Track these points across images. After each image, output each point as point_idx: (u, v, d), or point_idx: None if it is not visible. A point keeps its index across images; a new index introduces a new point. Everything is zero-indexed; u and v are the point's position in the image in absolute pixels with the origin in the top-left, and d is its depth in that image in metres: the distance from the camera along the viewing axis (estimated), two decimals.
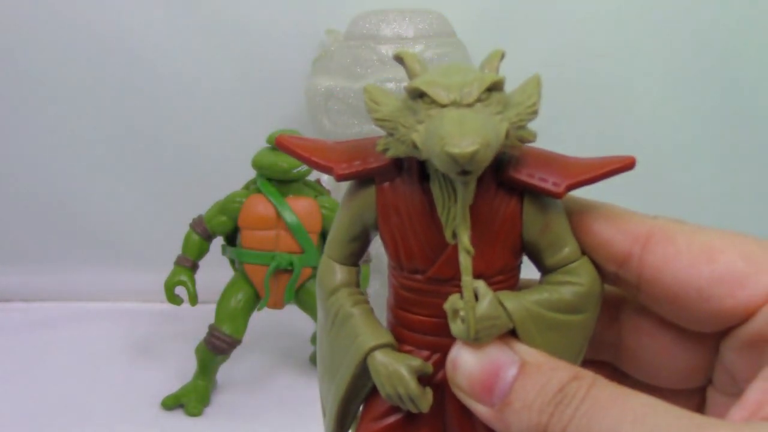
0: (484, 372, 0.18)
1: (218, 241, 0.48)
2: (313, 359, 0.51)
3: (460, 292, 0.19)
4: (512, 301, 0.19)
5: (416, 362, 0.20)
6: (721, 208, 0.61)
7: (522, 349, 0.19)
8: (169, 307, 0.48)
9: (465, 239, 0.19)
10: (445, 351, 0.20)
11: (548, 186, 0.19)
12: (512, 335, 0.19)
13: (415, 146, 0.18)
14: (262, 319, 0.48)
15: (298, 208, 0.44)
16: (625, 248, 0.19)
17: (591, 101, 0.47)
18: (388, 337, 0.21)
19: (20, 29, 0.60)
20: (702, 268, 0.18)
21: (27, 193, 0.63)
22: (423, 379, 0.20)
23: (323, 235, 0.46)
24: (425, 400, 0.20)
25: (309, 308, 0.47)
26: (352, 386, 0.21)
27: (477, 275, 0.19)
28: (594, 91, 0.58)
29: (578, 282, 0.20)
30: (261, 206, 0.44)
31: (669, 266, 0.18)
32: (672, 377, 0.19)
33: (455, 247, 0.19)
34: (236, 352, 0.46)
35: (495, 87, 0.19)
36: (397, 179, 0.20)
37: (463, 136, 0.17)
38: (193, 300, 0.46)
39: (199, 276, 0.47)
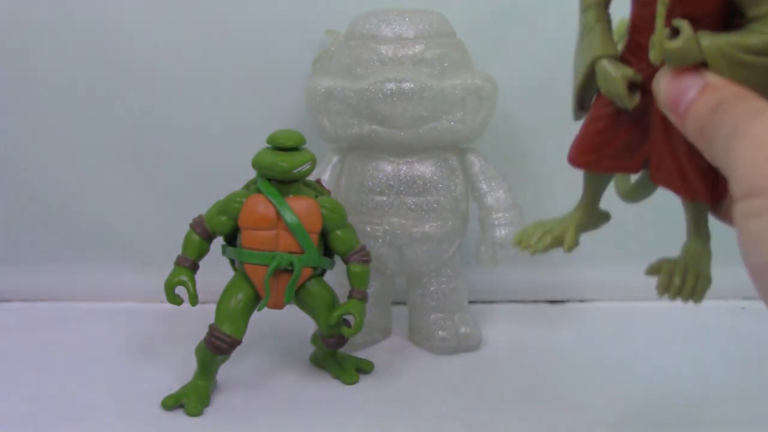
0: (674, 89, 0.25)
1: (219, 241, 0.48)
2: (313, 359, 0.51)
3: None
4: (707, 39, 0.24)
5: (629, 71, 0.28)
6: None
7: (708, 75, 0.24)
8: (169, 307, 0.48)
9: None
10: (656, 71, 0.26)
11: None
12: (705, 68, 0.24)
13: None
14: (262, 319, 0.48)
15: (298, 208, 0.44)
16: None
17: None
18: (613, 50, 0.29)
19: (20, 29, 0.60)
20: None
21: (27, 193, 0.63)
22: (637, 87, 0.28)
23: (324, 236, 0.46)
24: (631, 100, 0.28)
25: (309, 308, 0.47)
26: (586, 79, 0.30)
27: (686, 15, 0.25)
28: None
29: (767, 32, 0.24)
30: (261, 206, 0.44)
31: None
32: None
33: None
34: (236, 352, 0.46)
35: None
36: None
37: None
38: (193, 300, 0.46)
39: (199, 276, 0.47)
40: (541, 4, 0.59)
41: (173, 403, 0.44)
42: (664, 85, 0.25)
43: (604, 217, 0.34)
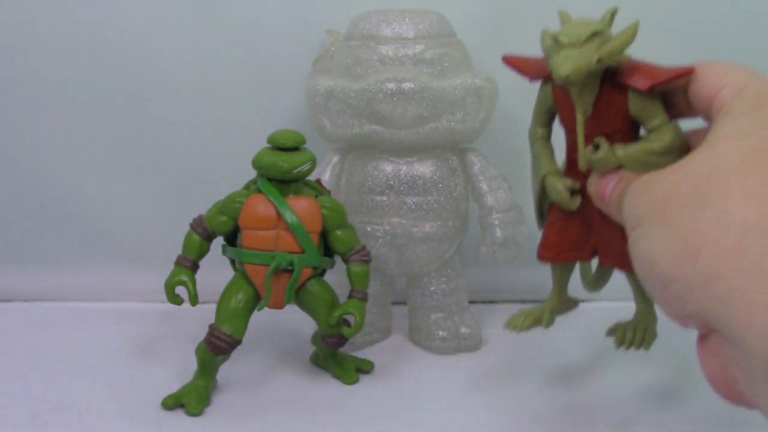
0: (599, 186, 0.34)
1: (219, 241, 0.48)
2: (313, 359, 0.51)
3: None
4: (621, 149, 0.34)
5: (568, 182, 0.38)
6: None
7: (622, 172, 0.34)
8: (169, 307, 0.48)
9: (579, 117, 0.35)
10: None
11: (639, 85, 0.34)
12: (622, 168, 0.34)
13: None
14: (262, 319, 0.48)
15: (299, 208, 0.44)
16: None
17: None
18: (556, 168, 0.39)
19: (21, 28, 0.60)
20: (698, 80, 0.32)
21: (27, 193, 0.63)
22: (577, 192, 0.38)
23: (324, 236, 0.46)
24: (573, 203, 0.38)
25: (309, 308, 0.47)
26: (540, 192, 0.40)
27: (602, 133, 0.35)
28: None
29: (663, 138, 0.34)
30: (261, 206, 0.44)
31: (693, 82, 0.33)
32: None
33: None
34: (236, 352, 0.46)
35: (596, 33, 0.34)
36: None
37: (563, 65, 0.33)
38: (193, 300, 0.46)
39: (200, 276, 0.47)
40: (541, 4, 0.59)
41: (173, 402, 0.44)
42: (593, 185, 0.35)
43: (573, 302, 0.44)
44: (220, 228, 0.46)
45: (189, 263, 0.46)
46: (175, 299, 0.46)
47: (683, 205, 0.26)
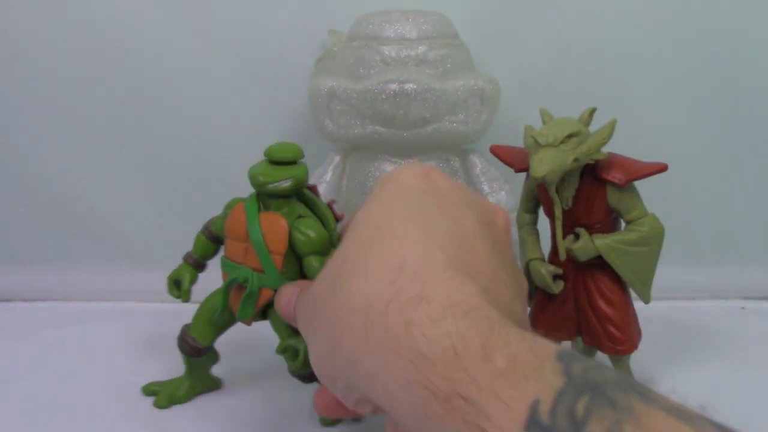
0: (279, 302, 0.34)
1: None
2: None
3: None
4: (599, 239, 0.39)
5: (551, 267, 0.41)
6: (725, 208, 0.61)
7: (298, 286, 0.34)
8: (169, 307, 0.48)
9: (557, 212, 0.39)
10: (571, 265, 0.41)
11: (616, 180, 0.38)
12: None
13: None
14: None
15: (265, 225, 0.40)
16: None
17: (592, 102, 0.47)
18: (541, 254, 0.42)
19: (22, 28, 0.60)
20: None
21: (27, 193, 0.63)
22: (560, 277, 0.42)
23: (299, 259, 0.41)
24: (556, 287, 0.41)
25: (276, 331, 0.43)
26: (527, 275, 0.42)
27: (583, 225, 0.39)
28: (595, 92, 0.58)
29: (641, 230, 0.38)
30: (238, 217, 0.42)
31: None
32: None
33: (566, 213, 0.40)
34: (235, 352, 0.46)
35: (572, 134, 0.37)
36: None
37: (539, 166, 0.36)
38: (185, 295, 0.46)
39: (204, 277, 0.47)
40: (543, 6, 0.59)
41: (148, 390, 0.46)
42: (276, 300, 0.35)
43: None
44: (219, 231, 0.45)
45: (192, 261, 0.46)
46: (173, 291, 0.46)
47: (323, 300, 0.26)
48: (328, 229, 0.42)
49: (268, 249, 0.40)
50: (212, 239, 0.46)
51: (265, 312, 0.42)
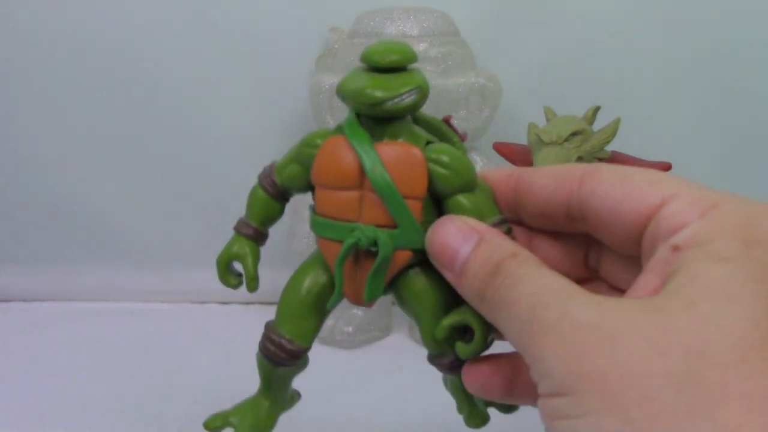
0: (444, 236, 0.25)
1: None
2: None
3: None
4: None
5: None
6: None
7: (480, 227, 0.24)
8: (169, 307, 0.48)
9: None
10: None
11: None
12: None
13: None
14: None
15: (391, 158, 0.28)
16: (565, 190, 0.23)
17: (592, 102, 0.47)
18: None
19: (23, 28, 0.60)
20: (615, 189, 0.22)
21: (27, 194, 0.63)
22: None
23: (438, 203, 0.28)
24: None
25: (409, 310, 0.31)
26: None
27: None
28: (595, 92, 0.58)
29: None
30: (341, 154, 0.29)
31: (595, 193, 0.22)
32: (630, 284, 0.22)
33: None
34: None
35: (576, 132, 0.37)
36: None
37: (543, 164, 0.34)
38: (252, 282, 0.31)
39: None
40: (544, 4, 0.59)
41: (222, 423, 0.33)
42: (433, 233, 0.25)
43: None
44: (291, 181, 0.30)
45: (251, 230, 0.31)
46: (227, 279, 0.31)
47: (655, 400, 0.17)
48: None
49: (400, 193, 0.27)
50: (277, 195, 0.31)
51: (390, 284, 0.29)
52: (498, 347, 0.27)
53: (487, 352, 0.27)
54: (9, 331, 0.58)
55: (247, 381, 0.48)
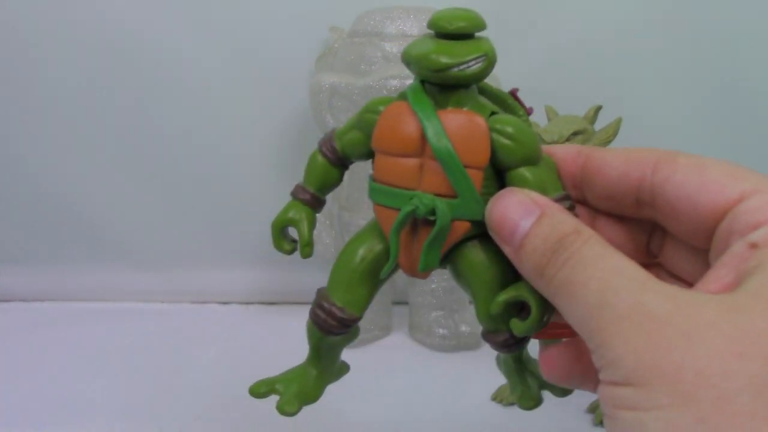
0: (507, 209, 0.23)
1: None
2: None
3: None
4: None
5: None
6: None
7: (542, 201, 0.23)
8: (169, 306, 0.48)
9: None
10: None
11: None
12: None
13: None
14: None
15: (454, 126, 0.27)
16: (638, 174, 0.23)
17: (593, 101, 0.47)
18: None
19: (23, 28, 0.59)
20: (692, 178, 0.21)
21: (27, 194, 0.63)
22: None
23: (500, 174, 0.27)
24: None
25: (465, 284, 0.29)
26: None
27: None
28: (596, 91, 0.58)
29: None
30: (403, 120, 0.28)
31: (670, 181, 0.22)
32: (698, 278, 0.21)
33: None
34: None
35: (578, 132, 0.37)
36: None
37: None
38: (306, 248, 0.30)
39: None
40: (544, 4, 0.59)
41: (266, 389, 0.32)
42: (494, 204, 0.24)
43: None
44: (352, 147, 0.30)
45: (308, 196, 0.31)
46: (281, 244, 0.31)
47: (732, 401, 0.17)
48: None
49: (461, 162, 0.27)
50: (337, 161, 0.30)
51: (446, 256, 0.29)
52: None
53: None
54: (9, 331, 0.58)
55: (247, 381, 0.48)
